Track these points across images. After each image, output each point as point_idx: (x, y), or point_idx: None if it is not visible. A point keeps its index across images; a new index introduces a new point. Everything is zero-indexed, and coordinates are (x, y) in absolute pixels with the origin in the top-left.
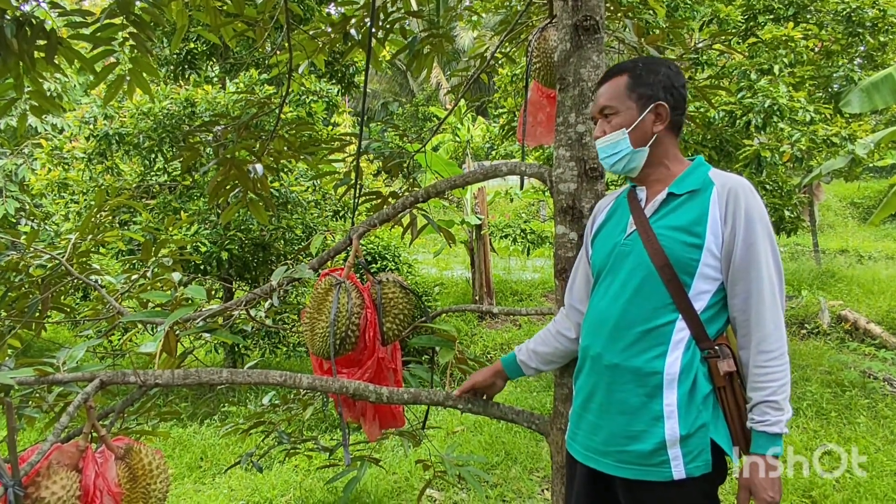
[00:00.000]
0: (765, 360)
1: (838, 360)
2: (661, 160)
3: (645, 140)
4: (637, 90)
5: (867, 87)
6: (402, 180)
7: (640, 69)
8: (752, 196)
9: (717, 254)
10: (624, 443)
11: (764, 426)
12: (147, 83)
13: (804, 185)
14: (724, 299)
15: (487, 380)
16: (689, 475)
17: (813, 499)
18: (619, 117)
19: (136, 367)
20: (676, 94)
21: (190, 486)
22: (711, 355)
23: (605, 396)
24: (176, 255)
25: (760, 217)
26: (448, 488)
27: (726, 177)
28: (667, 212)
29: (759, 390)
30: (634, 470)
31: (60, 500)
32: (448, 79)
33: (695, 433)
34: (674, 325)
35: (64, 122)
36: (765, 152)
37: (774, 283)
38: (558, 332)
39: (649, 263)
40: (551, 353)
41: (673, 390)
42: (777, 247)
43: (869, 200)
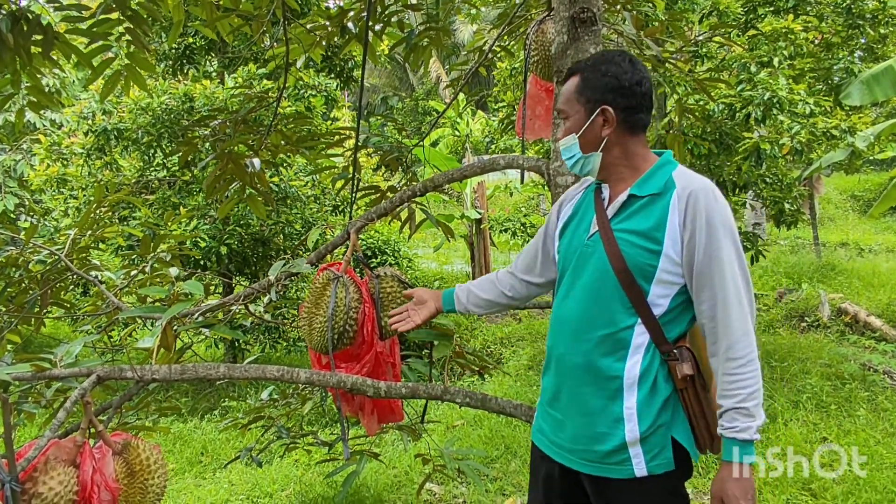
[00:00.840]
0: (734, 367)
1: (838, 353)
2: (621, 161)
3: (595, 145)
4: (585, 93)
5: (867, 80)
6: (401, 174)
7: (588, 71)
8: (714, 200)
9: (676, 259)
10: (588, 442)
11: (733, 433)
12: (143, 79)
13: (804, 177)
14: (685, 303)
15: (424, 296)
16: (651, 473)
17: (812, 491)
18: (570, 121)
19: (134, 363)
20: (628, 94)
21: (190, 480)
22: (671, 358)
23: (570, 397)
24: (175, 250)
25: (722, 222)
26: (448, 482)
27: (689, 179)
28: (627, 214)
29: (729, 397)
30: (598, 467)
31: (58, 496)
32: (448, 73)
33: (654, 433)
34: (633, 330)
35: (63, 117)
36: (764, 145)
37: (741, 289)
38: (493, 281)
39: (609, 267)
40: (483, 300)
41: (633, 393)
42: (742, 251)
43: (869, 193)
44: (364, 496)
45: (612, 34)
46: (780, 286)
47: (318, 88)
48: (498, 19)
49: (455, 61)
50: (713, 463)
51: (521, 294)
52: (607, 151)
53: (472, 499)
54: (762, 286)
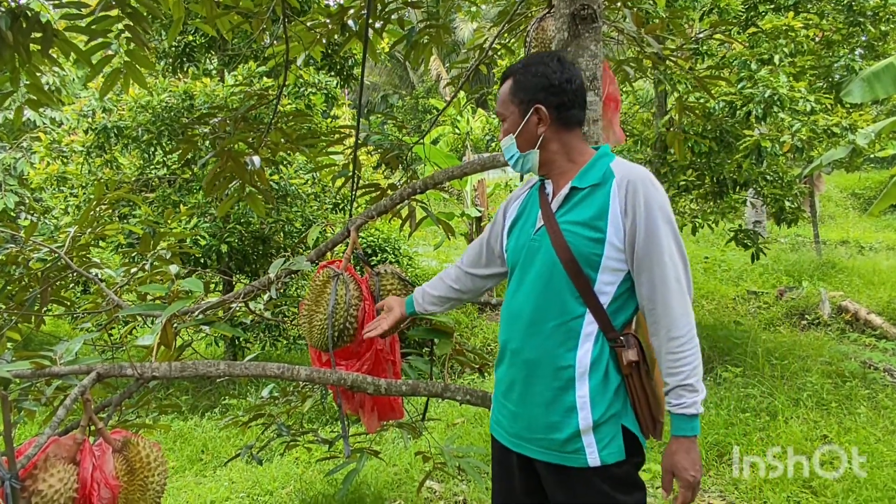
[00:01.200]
0: (676, 345)
1: (839, 351)
2: (560, 156)
3: (532, 143)
4: (518, 95)
5: (868, 77)
6: (402, 172)
7: (519, 73)
8: (652, 186)
9: (619, 246)
10: (543, 431)
11: (681, 408)
12: (143, 76)
13: (805, 175)
14: (629, 290)
15: (392, 304)
16: (604, 462)
17: (813, 489)
18: (507, 123)
19: (133, 361)
20: (558, 91)
21: (191, 478)
22: (617, 345)
23: (524, 388)
24: (175, 248)
25: (660, 207)
26: (448, 480)
27: (627, 168)
28: (570, 206)
29: (673, 375)
30: (554, 455)
31: (58, 493)
32: (448, 71)
33: (606, 421)
34: (583, 319)
35: (63, 115)
36: (765, 143)
37: (679, 270)
38: (442, 278)
39: (556, 258)
40: (436, 297)
41: (585, 382)
42: (679, 234)
43: (870, 191)
44: (364, 494)
45: (613, 31)
46: (781, 284)
47: (318, 86)
48: (498, 17)
49: (455, 59)
50: (713, 462)
51: (468, 287)
52: (544, 148)
53: (472, 496)
54: (763, 284)
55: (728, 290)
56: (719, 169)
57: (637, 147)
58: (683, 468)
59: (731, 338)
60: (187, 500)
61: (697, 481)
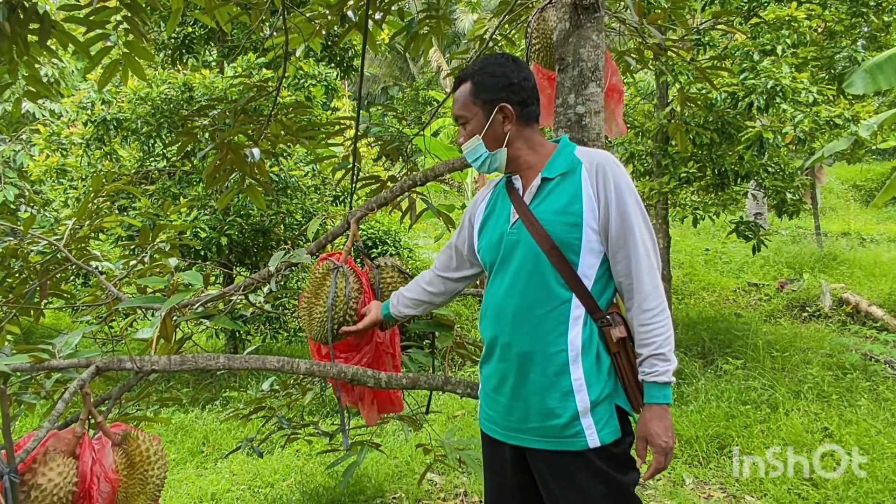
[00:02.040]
0: (648, 318)
1: (839, 343)
2: (525, 151)
3: (499, 141)
4: (480, 96)
5: (871, 68)
6: (402, 164)
7: (478, 75)
8: (618, 168)
9: (595, 228)
10: (540, 419)
11: (654, 377)
12: (142, 68)
13: (806, 167)
14: (609, 270)
15: (371, 307)
16: (603, 442)
17: (813, 481)
18: (471, 124)
19: (133, 354)
20: (518, 89)
21: (192, 470)
22: (605, 324)
23: (517, 380)
24: (175, 240)
25: (628, 186)
26: (449, 472)
27: (592, 154)
28: (544, 196)
29: (646, 346)
30: (552, 442)
31: (57, 487)
32: (448, 62)
33: (602, 401)
34: (570, 303)
35: (62, 107)
36: (767, 134)
37: (648, 247)
38: (417, 281)
39: (537, 248)
40: (410, 298)
41: (578, 365)
42: (645, 211)
43: (871, 183)
44: (365, 486)
45: (614, 22)
46: (782, 276)
47: (318, 78)
48: (499, 7)
49: (456, 50)
50: (713, 453)
51: (440, 290)
52: (511, 145)
53: (473, 488)
54: (763, 276)
55: (729, 282)
56: (721, 160)
57: (638, 139)
58: (656, 434)
59: (732, 330)
60: (189, 493)
61: (670, 447)
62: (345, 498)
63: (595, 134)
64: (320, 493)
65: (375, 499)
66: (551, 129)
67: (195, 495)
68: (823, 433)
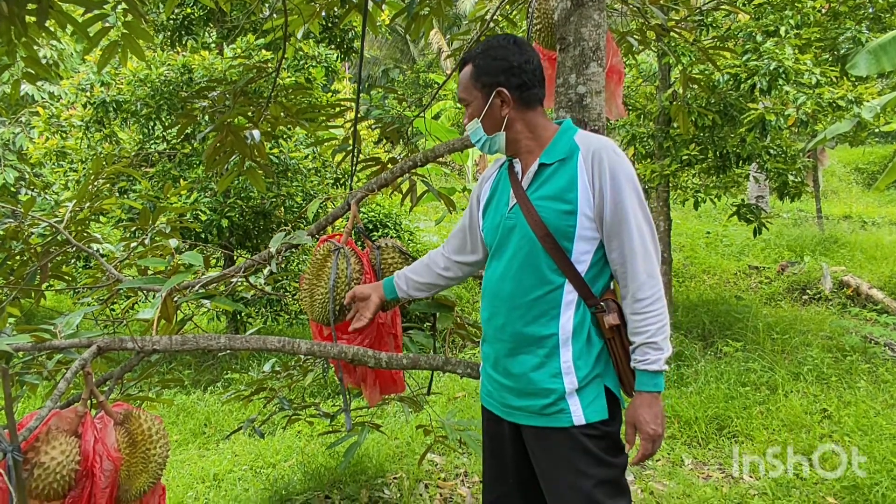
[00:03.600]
0: (641, 307)
1: (840, 326)
2: (525, 135)
3: (497, 125)
4: (480, 79)
5: (875, 49)
6: (402, 147)
7: (479, 58)
8: (616, 155)
9: (590, 215)
10: (528, 398)
11: (645, 365)
12: (141, 49)
13: (809, 149)
14: (605, 257)
15: (366, 292)
16: (588, 420)
17: (811, 463)
18: (471, 107)
19: (134, 334)
20: (518, 72)
21: (194, 451)
22: (599, 311)
23: (509, 360)
24: (175, 222)
25: (625, 174)
26: (449, 453)
27: (590, 140)
28: (541, 182)
29: (639, 334)
30: (539, 418)
31: (60, 465)
32: (449, 44)
33: (590, 382)
34: (563, 289)
35: (61, 89)
36: (769, 116)
37: (645, 235)
38: (429, 265)
39: (532, 234)
40: (422, 283)
41: (568, 347)
42: (644, 200)
43: (873, 166)
44: (366, 466)
45: (616, 2)
46: (783, 259)
47: (318, 59)
48: None
49: (457, 32)
50: (713, 440)
51: (457, 274)
52: (510, 129)
53: (473, 469)
54: (764, 259)
55: (730, 264)
56: (722, 143)
57: (640, 121)
58: (645, 421)
59: (732, 312)
60: (191, 473)
61: (659, 434)
62: (346, 478)
63: (596, 114)
64: (322, 474)
65: (376, 479)
66: (552, 110)
67: (197, 475)
68: (822, 415)
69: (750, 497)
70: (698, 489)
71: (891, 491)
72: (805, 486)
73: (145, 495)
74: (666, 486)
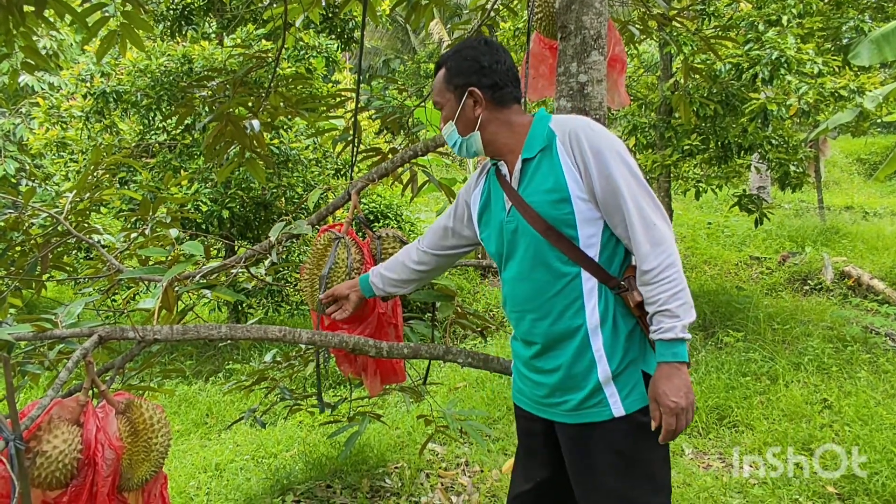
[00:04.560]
0: (649, 278)
1: (840, 316)
2: (502, 134)
3: (471, 126)
4: (453, 81)
5: (877, 39)
6: (403, 137)
7: (451, 60)
8: (591, 130)
9: (584, 197)
10: (563, 394)
11: (659, 334)
12: (140, 39)
13: (810, 139)
14: (613, 235)
15: (344, 292)
16: (628, 411)
17: (811, 452)
18: (445, 110)
19: (136, 324)
20: (489, 72)
21: (196, 441)
22: (621, 290)
23: (540, 359)
24: (175, 213)
25: (607, 146)
26: (450, 443)
27: (564, 122)
28: (528, 178)
29: (651, 304)
30: (576, 415)
31: (62, 454)
32: (450, 34)
33: (626, 369)
34: (580, 278)
35: (61, 80)
36: (771, 106)
37: (641, 203)
38: (403, 261)
39: (533, 231)
40: (397, 279)
41: (598, 336)
42: (636, 167)
43: (875, 156)
44: (367, 456)
45: None
46: (784, 250)
47: (318, 49)
48: None
49: (457, 22)
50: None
51: (432, 266)
52: (484, 129)
53: (474, 458)
54: (766, 249)
55: (731, 255)
56: (724, 133)
57: (641, 111)
58: (664, 393)
59: (733, 303)
60: (193, 463)
61: (681, 408)
62: (347, 467)
63: (597, 103)
64: (323, 463)
65: (378, 468)
66: (553, 99)
67: (200, 465)
68: (823, 405)
69: (750, 486)
70: (699, 478)
71: (891, 480)
72: (805, 476)
73: (147, 484)
74: None
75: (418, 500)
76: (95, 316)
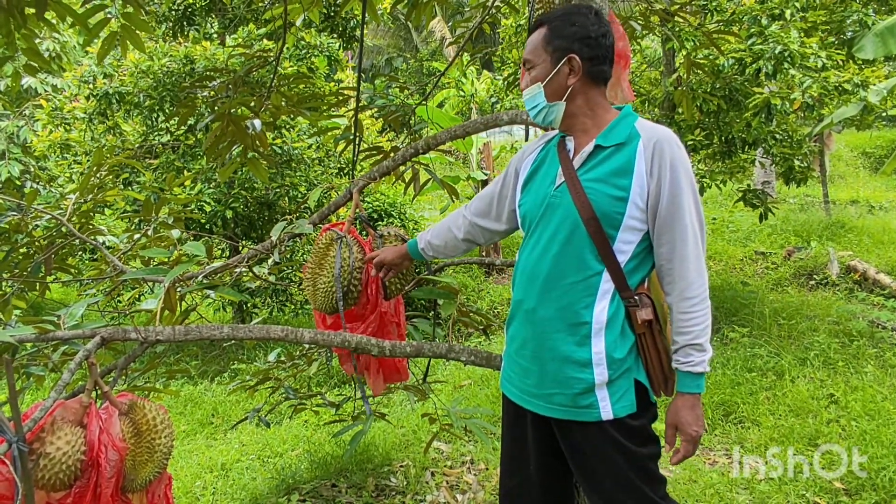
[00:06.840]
0: (688, 306)
1: (846, 311)
2: (584, 111)
3: (560, 93)
4: (553, 42)
5: (881, 32)
6: (405, 135)
7: (556, 21)
8: (678, 148)
9: (641, 206)
10: (555, 387)
11: (688, 366)
12: (140, 40)
13: (815, 134)
14: (647, 249)
15: (395, 259)
16: (616, 415)
17: (818, 447)
18: (536, 70)
19: (138, 325)
20: (594, 44)
21: (202, 441)
22: (631, 304)
23: (538, 345)
24: (178, 213)
25: (685, 169)
26: (455, 441)
27: (653, 129)
28: (594, 164)
29: (683, 334)
30: (565, 411)
31: (66, 456)
32: (452, 31)
33: (620, 376)
34: (601, 276)
35: (64, 82)
36: (775, 100)
37: (697, 233)
38: (450, 228)
39: (577, 216)
40: (443, 246)
41: (601, 338)
42: (699, 198)
43: (881, 150)
44: (373, 455)
45: None
46: (789, 244)
47: (320, 48)
48: None
49: (459, 19)
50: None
51: (477, 237)
52: (571, 101)
53: (479, 456)
54: (771, 244)
55: (736, 250)
56: (728, 128)
57: (644, 107)
58: (687, 423)
59: (739, 298)
60: (199, 463)
61: (699, 436)
62: (352, 466)
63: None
64: (328, 462)
65: (383, 467)
66: None
67: (206, 465)
68: (829, 400)
69: (756, 483)
70: (705, 475)
71: None
72: (811, 471)
73: (151, 485)
74: (672, 471)
75: (423, 498)
76: (100, 317)
